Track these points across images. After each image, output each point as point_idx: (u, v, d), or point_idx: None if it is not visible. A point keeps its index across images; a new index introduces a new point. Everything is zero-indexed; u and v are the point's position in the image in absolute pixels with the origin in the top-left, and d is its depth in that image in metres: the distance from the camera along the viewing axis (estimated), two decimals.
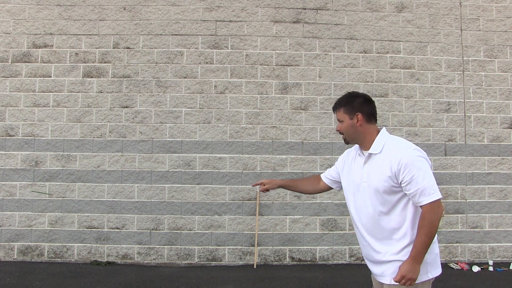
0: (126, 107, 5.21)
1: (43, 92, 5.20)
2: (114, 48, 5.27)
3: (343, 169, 2.23)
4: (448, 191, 5.24)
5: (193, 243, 5.08)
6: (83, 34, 5.29)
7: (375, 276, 2.07)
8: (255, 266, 4.97)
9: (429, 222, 1.82)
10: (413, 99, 5.37)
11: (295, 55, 5.34)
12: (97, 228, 5.06)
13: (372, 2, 5.45)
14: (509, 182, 5.31)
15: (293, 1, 5.40)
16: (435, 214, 1.83)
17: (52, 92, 5.21)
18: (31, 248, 5.03)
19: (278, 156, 5.21)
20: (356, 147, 2.15)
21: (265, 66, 5.31)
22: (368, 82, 5.35)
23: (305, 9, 5.40)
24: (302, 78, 5.32)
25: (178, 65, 5.27)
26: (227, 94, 5.26)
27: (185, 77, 5.26)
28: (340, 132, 2.11)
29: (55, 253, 5.03)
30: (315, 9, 5.41)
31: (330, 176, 2.39)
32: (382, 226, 1.95)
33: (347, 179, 2.17)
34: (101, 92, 5.22)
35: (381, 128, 2.06)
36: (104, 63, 5.25)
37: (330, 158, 5.22)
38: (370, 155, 2.00)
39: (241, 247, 5.09)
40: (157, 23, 5.31)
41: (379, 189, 1.92)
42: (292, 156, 5.22)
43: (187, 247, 5.07)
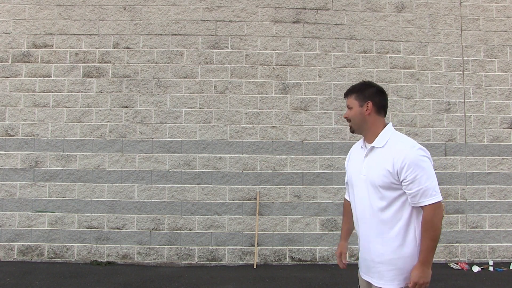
0: (126, 107, 5.22)
1: (43, 92, 5.20)
2: (114, 48, 5.27)
3: (348, 163, 2.20)
4: (448, 191, 5.24)
5: (193, 243, 5.08)
6: (83, 34, 5.29)
7: (369, 279, 2.01)
8: (255, 266, 4.97)
9: (431, 225, 1.81)
10: (413, 99, 5.37)
11: (295, 55, 5.34)
12: (97, 228, 5.07)
13: (372, 2, 5.45)
14: (509, 182, 5.31)
15: (293, 1, 5.40)
16: (437, 216, 1.81)
17: (52, 92, 5.21)
18: (31, 248, 5.03)
19: (278, 156, 5.21)
20: (361, 141, 2.11)
21: (265, 66, 5.31)
22: None
23: (305, 9, 5.40)
24: (302, 78, 5.32)
25: (178, 65, 5.27)
26: (227, 94, 5.26)
27: (185, 77, 5.26)
28: (347, 120, 2.08)
29: (55, 253, 5.03)
30: (315, 9, 5.41)
31: (347, 187, 2.29)
32: (376, 222, 1.93)
33: (350, 172, 2.15)
34: (101, 92, 5.22)
35: (388, 123, 2.03)
36: (104, 63, 5.25)
37: (330, 158, 5.22)
38: (373, 148, 1.98)
39: (241, 247, 5.09)
40: (157, 23, 5.31)
41: (376, 183, 1.90)
42: (292, 156, 5.22)
43: (187, 247, 5.07)
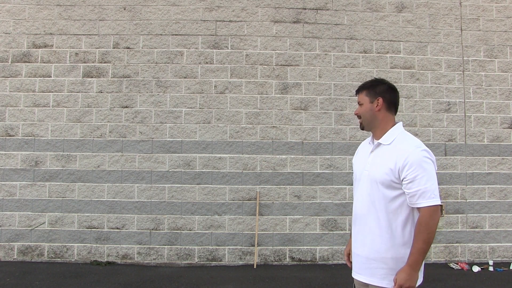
0: (126, 107, 5.21)
1: (43, 92, 5.20)
2: (114, 48, 5.27)
3: (355, 158, 2.21)
4: (448, 191, 5.24)
5: (193, 243, 5.08)
6: (83, 34, 5.29)
7: (360, 277, 2.00)
8: (255, 266, 4.97)
9: (426, 227, 1.78)
10: (413, 99, 5.37)
11: (295, 55, 5.34)
12: (97, 228, 5.06)
13: (372, 2, 5.45)
14: (509, 182, 5.31)
15: (293, 1, 5.40)
16: (433, 220, 1.79)
17: (52, 92, 5.21)
18: (31, 248, 5.03)
19: (278, 156, 5.21)
20: (370, 137, 2.12)
21: (265, 66, 5.31)
22: None
23: (305, 9, 5.40)
24: (302, 78, 5.32)
25: (178, 65, 5.27)
26: (227, 94, 5.26)
27: (185, 77, 5.26)
28: (358, 116, 2.09)
29: (55, 253, 5.03)
30: (315, 9, 5.41)
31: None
32: (373, 219, 1.93)
33: (355, 167, 2.15)
34: (101, 92, 5.22)
35: (398, 122, 2.04)
36: (104, 63, 5.25)
37: (330, 158, 5.22)
38: (379, 144, 1.99)
39: (241, 247, 5.09)
40: (157, 23, 5.31)
41: (377, 180, 1.91)
42: (292, 156, 5.22)
43: (187, 247, 5.07)
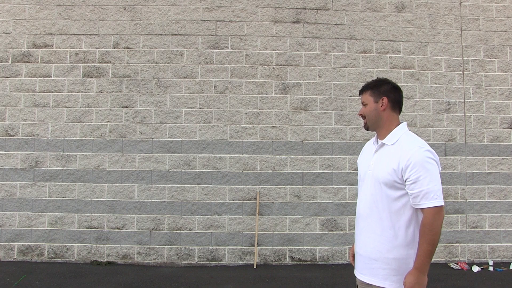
0: (126, 107, 5.21)
1: (43, 92, 5.20)
2: (114, 48, 5.27)
3: (360, 158, 2.20)
4: (448, 191, 5.24)
5: (193, 243, 5.08)
6: (83, 34, 5.29)
7: (362, 277, 1.99)
8: (255, 266, 4.97)
9: (430, 229, 1.77)
10: (413, 99, 5.37)
11: (295, 55, 5.34)
12: (97, 228, 5.06)
13: (372, 2, 5.45)
14: (509, 182, 5.31)
15: (293, 1, 5.40)
16: (436, 221, 1.78)
17: (52, 92, 5.21)
18: (31, 248, 5.03)
19: (278, 156, 5.21)
20: (375, 137, 2.11)
21: (265, 66, 5.31)
22: None
23: (305, 9, 5.40)
24: (302, 78, 5.32)
25: (178, 65, 5.27)
26: (227, 94, 5.26)
27: (185, 77, 5.26)
28: (362, 117, 2.08)
29: (55, 253, 5.03)
30: (315, 9, 5.41)
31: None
32: (376, 219, 1.92)
33: (360, 167, 2.15)
34: (101, 92, 5.22)
35: (402, 122, 2.03)
36: (104, 63, 5.25)
37: (330, 158, 5.22)
38: (383, 144, 1.98)
39: (241, 247, 5.09)
40: (157, 23, 5.31)
41: (380, 180, 1.89)
42: (292, 156, 5.22)
43: (187, 247, 5.07)
